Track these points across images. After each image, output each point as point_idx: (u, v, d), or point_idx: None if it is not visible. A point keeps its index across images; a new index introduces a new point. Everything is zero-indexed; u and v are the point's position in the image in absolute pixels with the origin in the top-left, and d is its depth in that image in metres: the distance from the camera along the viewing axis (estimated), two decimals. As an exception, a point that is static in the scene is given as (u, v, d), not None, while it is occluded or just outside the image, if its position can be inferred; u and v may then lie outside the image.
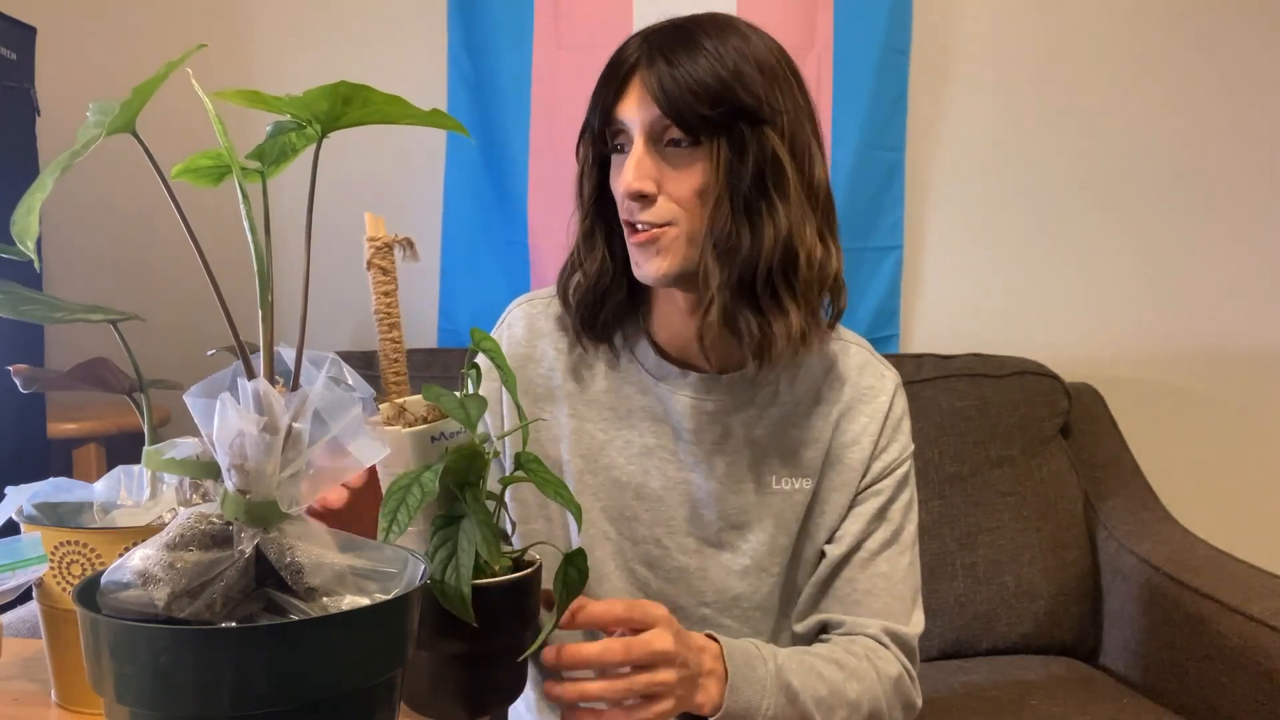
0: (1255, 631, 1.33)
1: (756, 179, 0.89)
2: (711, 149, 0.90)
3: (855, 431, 1.01)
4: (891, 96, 1.97)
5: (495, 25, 1.97)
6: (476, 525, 0.64)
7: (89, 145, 0.50)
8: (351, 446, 0.50)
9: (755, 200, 0.90)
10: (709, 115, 0.88)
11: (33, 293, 0.68)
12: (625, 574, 1.01)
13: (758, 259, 0.90)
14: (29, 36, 1.78)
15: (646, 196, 0.90)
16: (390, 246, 0.70)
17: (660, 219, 0.91)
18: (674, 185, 0.90)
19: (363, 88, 0.54)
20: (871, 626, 0.97)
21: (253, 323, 0.54)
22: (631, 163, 0.90)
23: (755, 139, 0.89)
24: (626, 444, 1.01)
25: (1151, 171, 2.03)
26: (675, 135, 0.90)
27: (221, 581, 0.47)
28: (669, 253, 0.91)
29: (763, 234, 0.89)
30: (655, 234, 0.91)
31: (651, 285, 0.96)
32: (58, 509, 0.73)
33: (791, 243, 0.90)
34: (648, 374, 1.01)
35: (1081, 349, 2.02)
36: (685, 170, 0.90)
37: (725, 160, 0.89)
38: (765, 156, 0.90)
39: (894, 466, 1.02)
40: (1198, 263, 2.04)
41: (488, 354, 0.71)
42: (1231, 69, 2.01)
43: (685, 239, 0.91)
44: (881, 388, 1.03)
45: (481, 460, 0.66)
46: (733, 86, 0.88)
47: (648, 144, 0.90)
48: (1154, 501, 1.75)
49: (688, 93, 0.88)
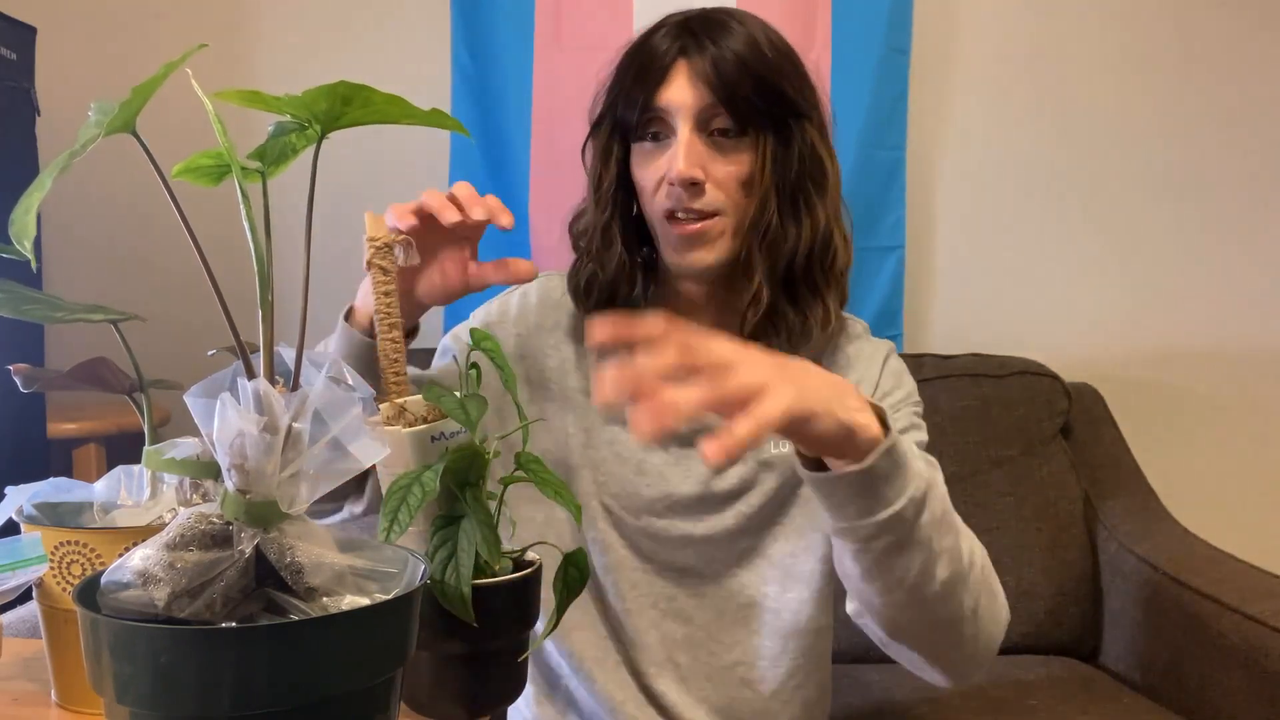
0: (1255, 631, 1.33)
1: (801, 173, 0.91)
2: (757, 140, 0.91)
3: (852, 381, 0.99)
4: (892, 96, 1.96)
5: (497, 25, 1.97)
6: (476, 525, 0.64)
7: (88, 145, 0.50)
8: (352, 446, 0.50)
9: (798, 194, 0.92)
10: (757, 104, 0.89)
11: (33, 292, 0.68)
12: (629, 547, 1.00)
13: (797, 251, 0.91)
14: (29, 36, 1.78)
15: (697, 184, 0.90)
16: (390, 246, 0.71)
17: (709, 207, 0.91)
18: (721, 174, 0.91)
19: (362, 88, 0.54)
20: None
21: (253, 323, 0.54)
22: (682, 149, 0.90)
23: (799, 132, 0.92)
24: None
25: (1151, 171, 2.03)
26: (723, 125, 0.90)
27: (221, 581, 0.47)
28: (714, 245, 0.92)
29: (804, 227, 0.91)
30: (705, 226, 0.91)
31: (688, 276, 0.96)
32: (58, 509, 0.73)
33: (830, 236, 0.93)
34: None
35: (1081, 349, 2.02)
36: (732, 159, 0.91)
37: (772, 152, 0.91)
38: (807, 150, 0.92)
39: (901, 405, 1.00)
40: (1198, 263, 2.04)
41: (487, 354, 0.71)
42: (1231, 69, 2.01)
43: (731, 231, 0.92)
44: (874, 351, 1.03)
45: (482, 460, 0.66)
46: (777, 75, 0.90)
47: (695, 131, 0.90)
48: (1154, 501, 1.75)
49: (739, 76, 0.88)
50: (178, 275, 2.01)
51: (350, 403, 0.51)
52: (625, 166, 0.97)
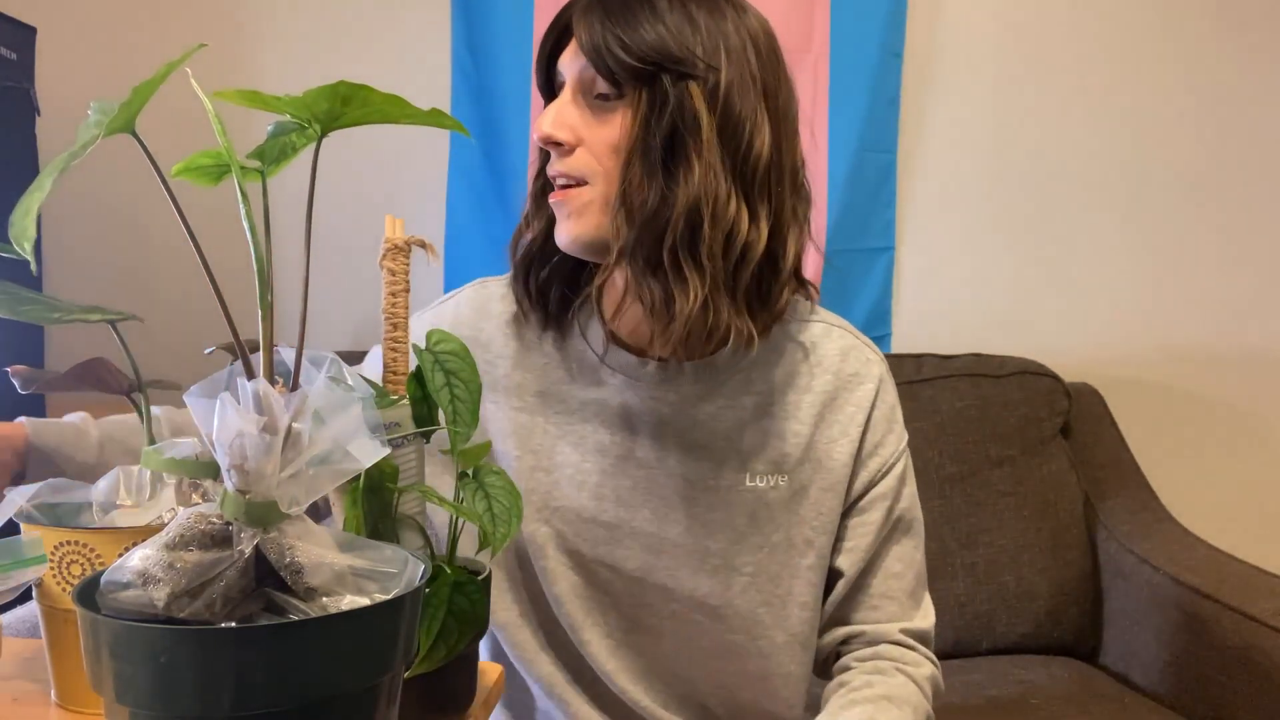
0: (1255, 631, 1.33)
1: (670, 135, 0.83)
2: (632, 101, 0.84)
3: (842, 424, 0.94)
4: (887, 98, 1.98)
5: (496, 25, 1.97)
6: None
7: (87, 146, 0.50)
8: (351, 447, 0.50)
9: (667, 158, 0.83)
10: (631, 64, 0.83)
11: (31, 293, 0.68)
12: (583, 574, 0.95)
13: (664, 223, 0.83)
14: (29, 36, 1.78)
15: (561, 145, 0.86)
16: (404, 249, 0.70)
17: (574, 170, 0.86)
18: (592, 137, 0.86)
19: (362, 87, 0.54)
20: (891, 631, 0.94)
21: (252, 323, 0.54)
22: (551, 109, 0.86)
23: (676, 93, 0.83)
24: (580, 440, 0.94)
25: (1150, 171, 2.03)
26: (603, 89, 0.85)
27: (221, 581, 0.47)
28: (581, 216, 0.86)
29: (673, 196, 0.82)
30: (569, 193, 0.86)
31: (568, 252, 0.90)
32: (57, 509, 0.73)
33: (698, 207, 0.83)
34: (603, 364, 0.94)
35: (1081, 349, 2.02)
36: (604, 122, 0.86)
37: (642, 113, 0.84)
38: (684, 112, 0.82)
39: (892, 463, 0.96)
40: (1198, 263, 2.04)
41: (450, 355, 0.70)
42: (1228, 68, 2.01)
43: (600, 202, 0.86)
44: (867, 374, 0.95)
45: (386, 494, 0.64)
46: (663, 36, 0.83)
47: (575, 94, 0.87)
48: (1154, 501, 1.75)
49: (613, 39, 0.83)
50: (177, 275, 2.01)
51: (350, 403, 0.51)
52: None
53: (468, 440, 0.67)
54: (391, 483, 0.64)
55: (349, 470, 0.51)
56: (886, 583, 0.95)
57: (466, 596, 0.66)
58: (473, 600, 0.66)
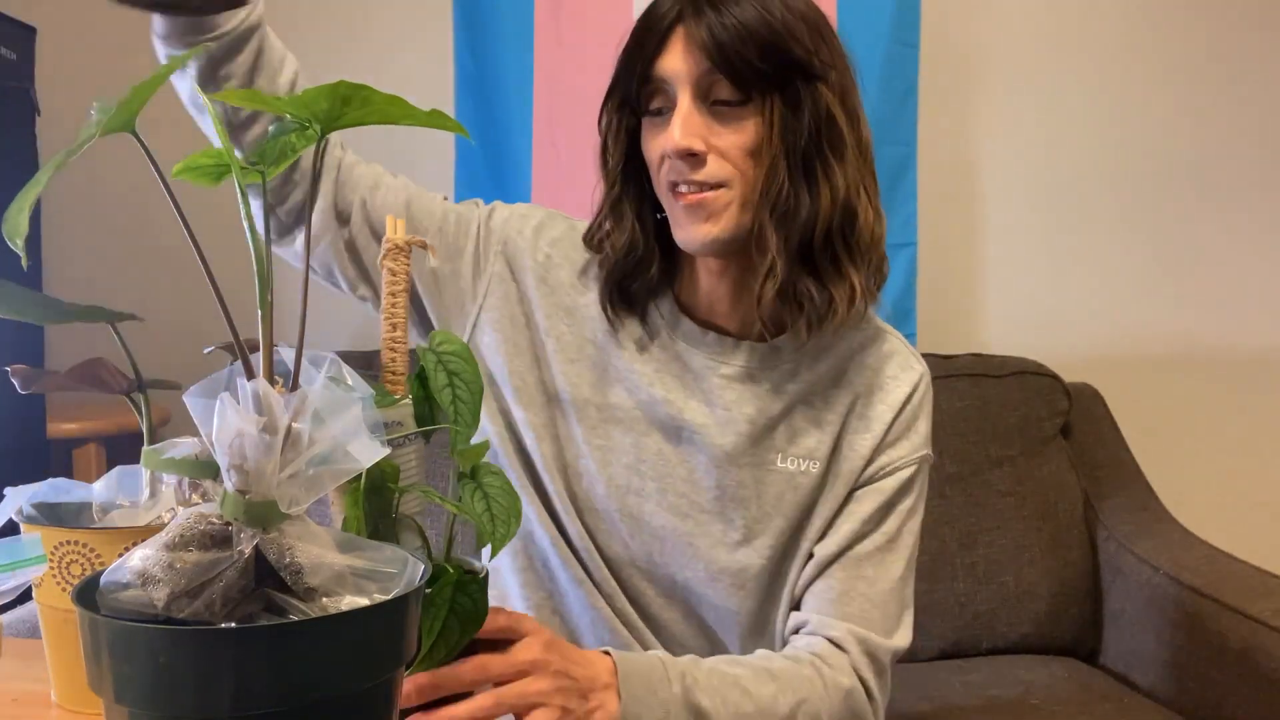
0: (1255, 631, 1.33)
1: (813, 137, 0.86)
2: (764, 105, 0.86)
3: (868, 419, 0.95)
4: (900, 90, 1.94)
5: (497, 25, 1.97)
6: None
7: (84, 143, 0.50)
8: (351, 447, 0.50)
9: (812, 160, 0.87)
10: (761, 68, 0.84)
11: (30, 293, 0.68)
12: (615, 501, 0.97)
13: (815, 222, 0.86)
14: (29, 36, 1.78)
15: (696, 155, 0.86)
16: (399, 248, 0.70)
17: (712, 179, 0.87)
18: (724, 144, 0.87)
19: (362, 87, 0.54)
20: (837, 629, 0.92)
21: (252, 323, 0.54)
22: (679, 120, 0.86)
23: (810, 95, 0.86)
24: (634, 387, 0.96)
25: (1153, 171, 2.03)
26: (724, 95, 0.86)
27: (221, 582, 0.47)
28: (720, 217, 0.88)
29: (820, 196, 0.86)
30: (705, 197, 0.87)
31: (695, 253, 0.92)
32: (57, 509, 0.73)
33: (850, 204, 0.87)
34: (667, 329, 0.97)
35: (1081, 349, 2.02)
36: (736, 128, 0.87)
37: (780, 117, 0.86)
38: (820, 114, 0.86)
39: (900, 465, 0.96)
40: (1199, 263, 2.04)
41: (453, 356, 0.70)
42: (1239, 67, 2.01)
43: (738, 203, 0.88)
44: (905, 379, 0.97)
45: (387, 494, 0.64)
46: (784, 37, 0.85)
47: (695, 100, 0.86)
48: (1154, 501, 1.75)
49: (740, 41, 0.84)
50: (177, 275, 2.01)
51: (350, 403, 0.51)
52: (635, 141, 0.93)
53: (469, 440, 0.68)
54: (393, 483, 0.64)
55: (349, 470, 0.50)
56: (853, 582, 0.94)
57: (469, 596, 0.66)
58: (474, 599, 0.66)
